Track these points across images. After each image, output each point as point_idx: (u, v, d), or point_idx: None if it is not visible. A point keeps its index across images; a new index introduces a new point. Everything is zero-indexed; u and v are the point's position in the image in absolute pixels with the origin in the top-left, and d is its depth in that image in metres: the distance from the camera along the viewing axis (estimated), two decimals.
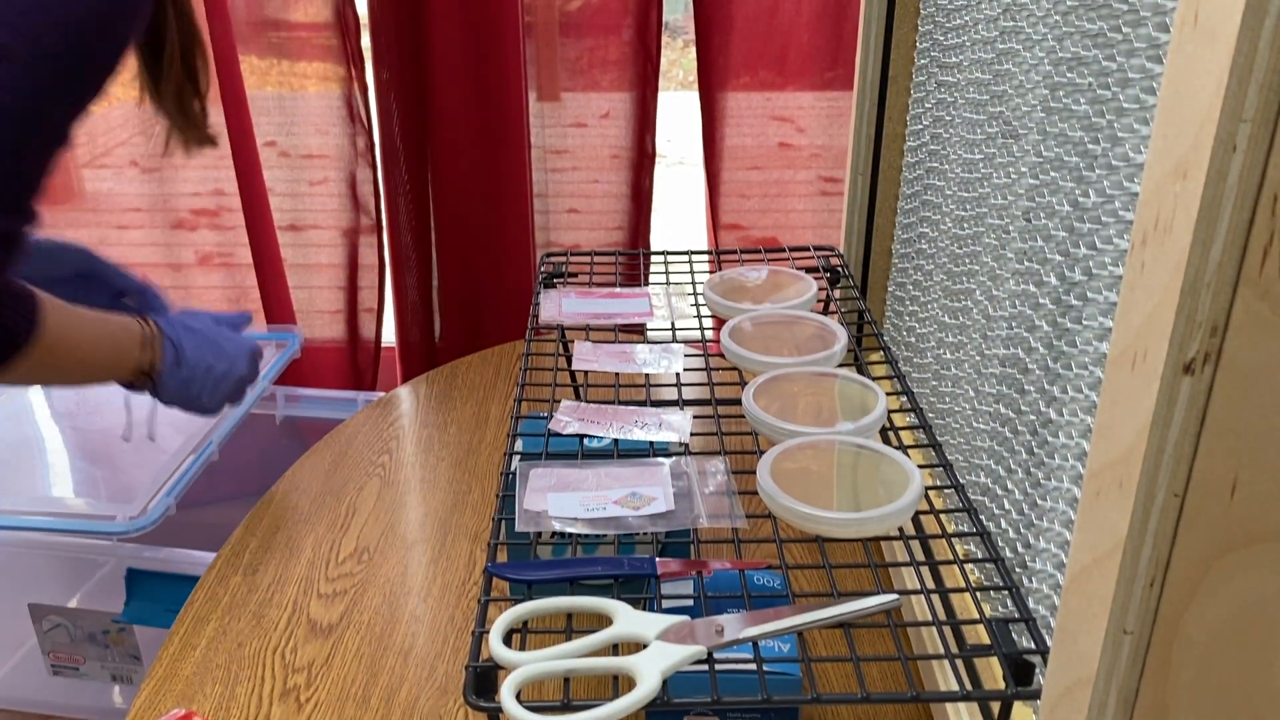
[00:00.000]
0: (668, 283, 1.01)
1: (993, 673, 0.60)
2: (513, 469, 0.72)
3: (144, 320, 0.88)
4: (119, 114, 1.68)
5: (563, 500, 0.68)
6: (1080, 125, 0.59)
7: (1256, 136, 0.33)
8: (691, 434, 0.77)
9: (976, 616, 0.59)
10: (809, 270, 0.99)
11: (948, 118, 0.86)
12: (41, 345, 0.74)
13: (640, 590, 0.70)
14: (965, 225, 0.80)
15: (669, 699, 0.54)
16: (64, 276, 0.95)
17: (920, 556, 0.67)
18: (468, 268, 1.73)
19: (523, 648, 0.57)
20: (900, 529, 0.66)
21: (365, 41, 1.66)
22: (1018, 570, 0.68)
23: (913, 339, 0.97)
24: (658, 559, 0.64)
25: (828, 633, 0.81)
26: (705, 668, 0.56)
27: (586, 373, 0.91)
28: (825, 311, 0.96)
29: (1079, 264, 0.59)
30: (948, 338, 0.85)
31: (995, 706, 0.57)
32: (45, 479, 1.28)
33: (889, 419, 0.76)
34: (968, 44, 0.81)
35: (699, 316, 0.94)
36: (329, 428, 1.18)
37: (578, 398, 0.85)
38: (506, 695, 0.53)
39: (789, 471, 0.67)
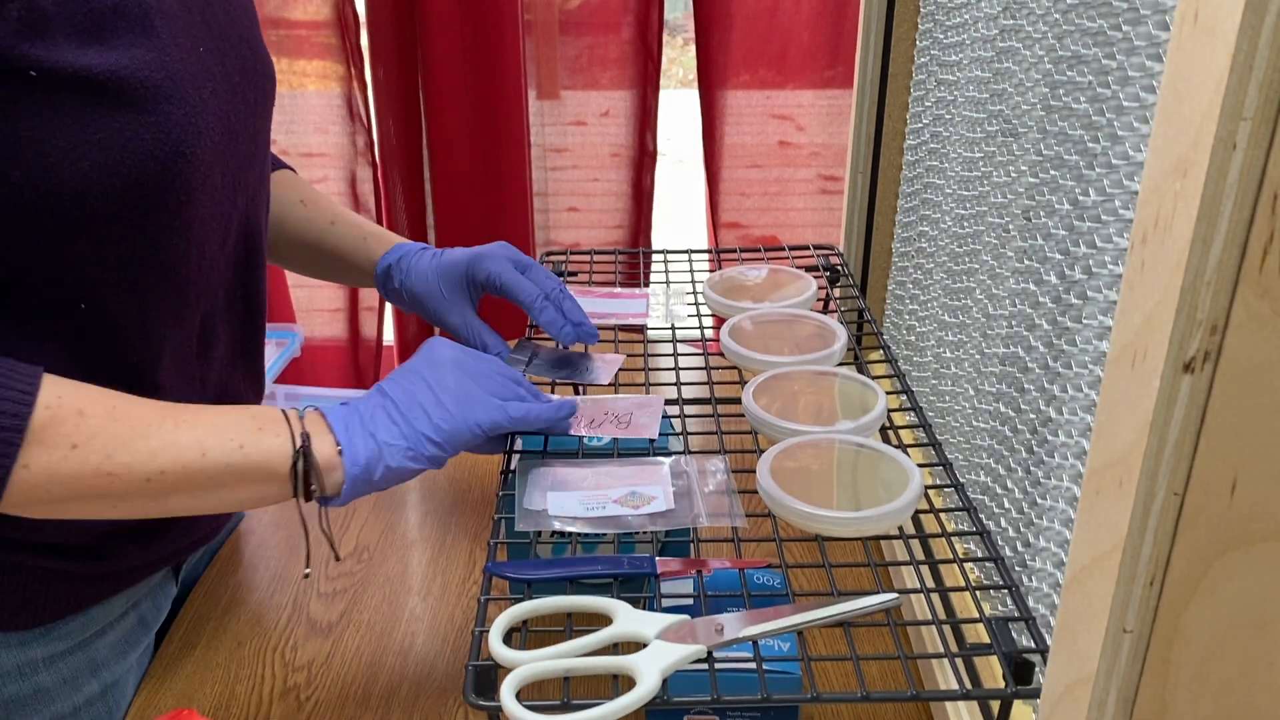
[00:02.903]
0: (667, 283, 1.01)
1: (992, 672, 0.59)
2: (512, 468, 0.72)
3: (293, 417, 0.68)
4: None
5: (562, 499, 0.68)
6: (1080, 123, 0.59)
7: (1257, 135, 0.33)
8: (691, 433, 0.77)
9: (976, 615, 0.59)
10: (809, 269, 0.99)
11: (948, 116, 0.86)
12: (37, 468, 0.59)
13: (640, 589, 0.70)
14: (965, 224, 0.80)
15: (669, 698, 0.54)
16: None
17: (920, 555, 0.67)
18: None
19: (523, 647, 0.57)
20: (900, 528, 0.66)
21: (364, 40, 1.65)
22: (1017, 569, 0.68)
23: (913, 338, 0.97)
24: (657, 558, 0.64)
25: (827, 632, 0.81)
26: (705, 667, 0.55)
27: None
28: (825, 310, 0.96)
29: (1079, 262, 0.59)
30: (948, 336, 0.85)
31: (995, 705, 0.57)
32: None
33: (889, 418, 0.76)
34: (968, 42, 0.80)
35: (699, 315, 0.93)
36: None
37: (576, 393, 0.85)
38: (506, 694, 0.53)
39: (789, 470, 0.67)
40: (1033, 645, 0.57)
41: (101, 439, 0.61)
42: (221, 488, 0.65)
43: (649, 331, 0.94)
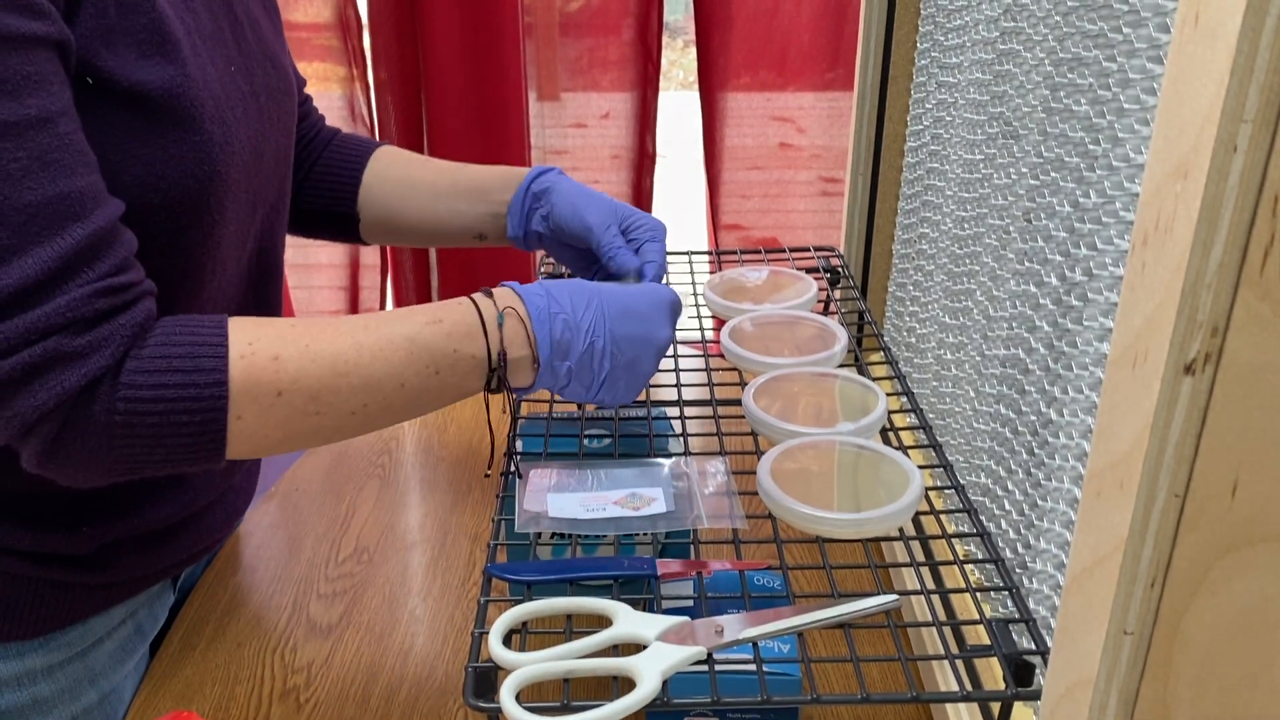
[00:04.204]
0: (667, 285, 1.01)
1: (993, 673, 0.59)
2: (513, 469, 0.72)
3: (485, 295, 0.69)
4: None
5: (563, 500, 0.68)
6: (1081, 126, 0.59)
7: (1257, 137, 0.33)
8: (691, 434, 0.77)
9: (977, 617, 0.59)
10: (809, 270, 0.99)
11: (948, 118, 0.86)
12: (255, 397, 0.61)
13: (640, 591, 0.70)
14: (966, 225, 0.80)
15: (669, 700, 0.54)
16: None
17: (920, 557, 0.67)
18: (467, 268, 1.73)
19: (522, 648, 0.57)
20: (900, 529, 0.66)
21: (365, 41, 1.66)
22: (1018, 571, 0.68)
23: (913, 339, 0.97)
24: (658, 559, 0.64)
25: (828, 633, 0.81)
26: (705, 668, 0.55)
27: None
28: (825, 312, 0.96)
29: (1079, 264, 0.59)
30: (948, 338, 0.85)
31: (995, 707, 0.57)
32: None
33: (889, 419, 0.76)
34: (968, 44, 0.80)
35: (699, 317, 0.94)
36: None
37: None
38: (506, 696, 0.53)
39: (789, 472, 0.67)
40: (1033, 647, 0.57)
41: (304, 383, 0.62)
42: (419, 407, 0.68)
43: None
